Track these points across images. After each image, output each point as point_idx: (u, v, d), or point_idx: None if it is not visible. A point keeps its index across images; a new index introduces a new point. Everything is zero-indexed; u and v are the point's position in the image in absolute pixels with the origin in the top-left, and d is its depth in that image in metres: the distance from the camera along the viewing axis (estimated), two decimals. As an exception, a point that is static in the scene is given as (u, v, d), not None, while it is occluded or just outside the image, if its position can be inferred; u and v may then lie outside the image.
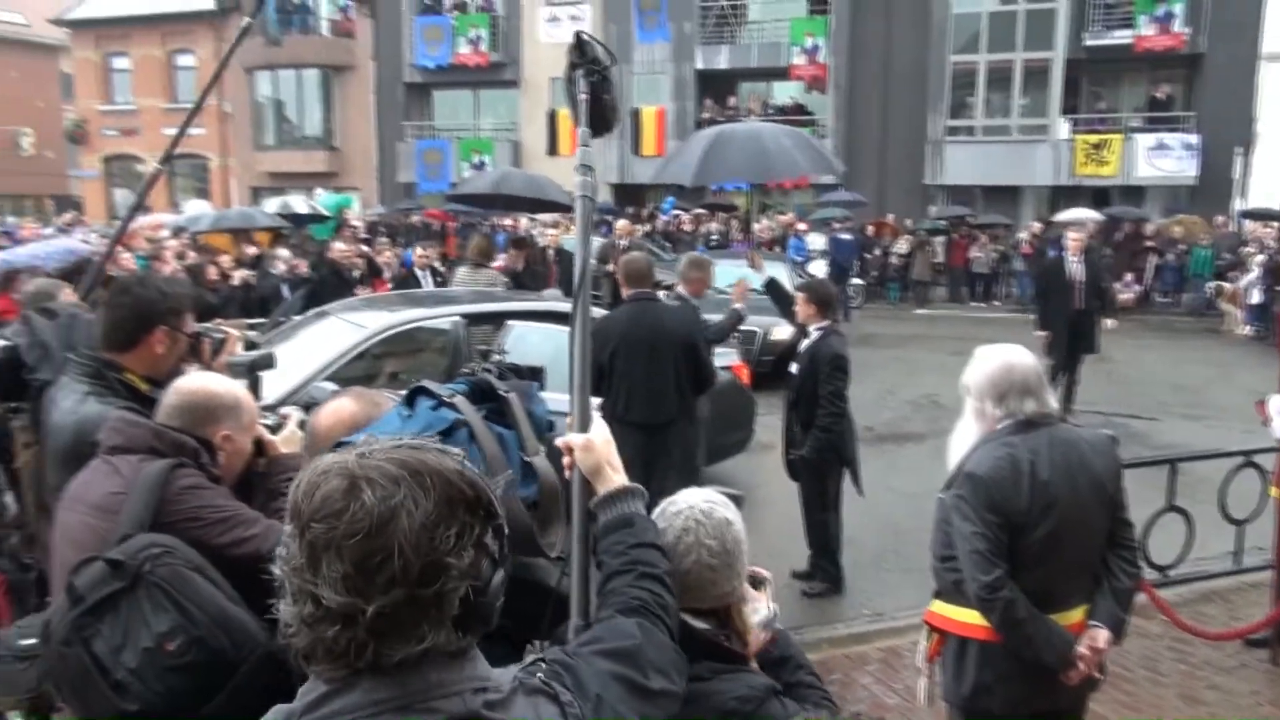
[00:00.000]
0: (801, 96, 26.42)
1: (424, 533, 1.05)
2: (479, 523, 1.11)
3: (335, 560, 1.04)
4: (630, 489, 1.59)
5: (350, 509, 1.05)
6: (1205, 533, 5.59)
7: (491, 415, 1.74)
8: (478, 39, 28.42)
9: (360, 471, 1.07)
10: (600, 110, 2.04)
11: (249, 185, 30.97)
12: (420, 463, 1.10)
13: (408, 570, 1.04)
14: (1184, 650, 4.72)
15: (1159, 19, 22.26)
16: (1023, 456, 2.67)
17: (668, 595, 1.47)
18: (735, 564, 1.79)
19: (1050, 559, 2.69)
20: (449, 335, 6.48)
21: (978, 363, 2.83)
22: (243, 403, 2.22)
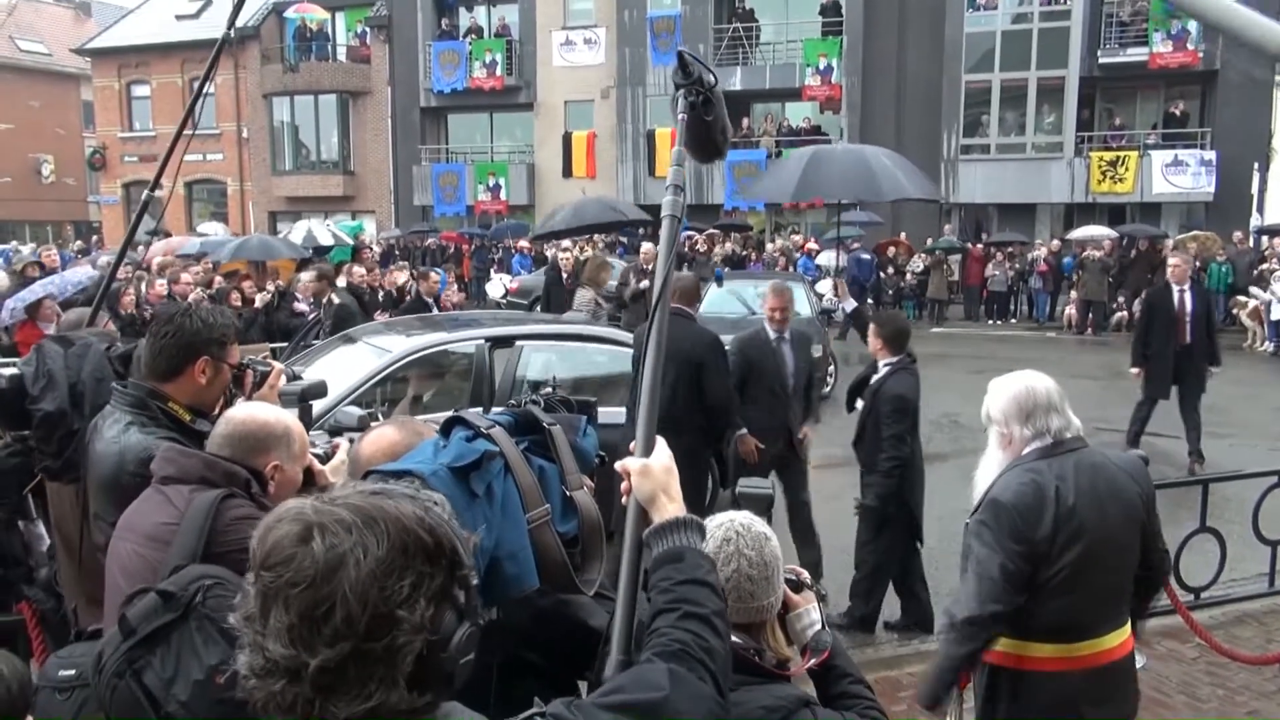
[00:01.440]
0: (816, 117, 26.51)
1: (373, 582, 1.00)
2: (440, 573, 1.05)
3: (281, 611, 1.01)
4: (685, 520, 1.49)
5: (298, 556, 1.01)
6: (1236, 553, 5.54)
7: (534, 448, 1.72)
8: (493, 63, 28.69)
9: (314, 517, 1.03)
10: (709, 134, 1.93)
11: (266, 210, 31.27)
12: (376, 508, 1.05)
13: (352, 622, 0.99)
14: (1221, 674, 4.65)
15: (1174, 36, 22.26)
16: (1048, 483, 2.63)
17: (713, 638, 1.35)
18: (773, 578, 1.84)
19: (1078, 587, 2.64)
20: (473, 359, 6.50)
21: (997, 390, 2.79)
22: (293, 432, 2.23)
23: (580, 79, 28.28)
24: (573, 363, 7.31)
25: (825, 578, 5.66)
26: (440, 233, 27.13)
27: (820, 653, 1.89)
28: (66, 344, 3.14)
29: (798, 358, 5.82)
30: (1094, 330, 18.73)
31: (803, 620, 1.93)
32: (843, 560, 6.29)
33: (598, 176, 28.19)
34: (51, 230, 36.26)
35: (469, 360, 6.53)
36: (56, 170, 38.14)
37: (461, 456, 1.57)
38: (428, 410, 6.22)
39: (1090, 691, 2.70)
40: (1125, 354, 16.49)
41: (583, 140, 28.24)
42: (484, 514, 1.54)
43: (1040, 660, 2.69)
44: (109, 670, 1.78)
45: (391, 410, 6.25)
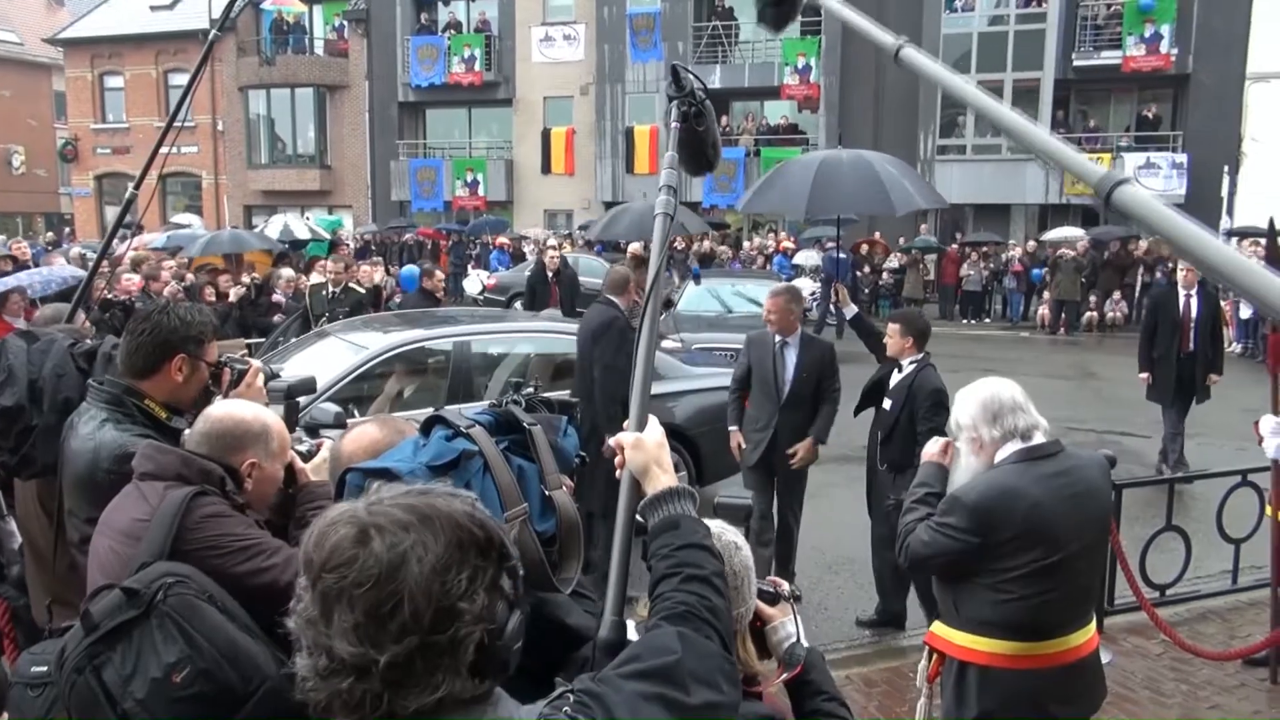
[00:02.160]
0: (794, 116, 26.62)
1: (434, 577, 1.04)
2: (492, 565, 1.10)
3: (346, 610, 1.03)
4: (679, 490, 1.55)
5: (360, 557, 1.04)
6: (1201, 551, 5.64)
7: (513, 447, 1.74)
8: (472, 58, 28.59)
9: (369, 519, 1.07)
10: (700, 147, 1.98)
11: (241, 203, 31.01)
12: (429, 507, 1.09)
13: (419, 617, 1.03)
14: (1185, 670, 4.74)
15: (1147, 40, 22.53)
16: (1018, 486, 2.66)
17: (716, 598, 1.42)
18: (741, 588, 1.79)
19: (1047, 587, 2.68)
20: (450, 356, 6.51)
21: (963, 398, 2.83)
22: (272, 429, 2.22)
23: (559, 75, 28.24)
24: (549, 357, 7.33)
25: (799, 574, 5.72)
26: (418, 228, 27.02)
27: (794, 667, 1.87)
28: (31, 339, 3.12)
29: (801, 364, 5.50)
30: (1066, 330, 18.94)
31: (779, 633, 1.91)
32: (815, 557, 6.36)
33: (576, 173, 28.18)
34: (22, 222, 35.76)
35: (447, 357, 6.53)
36: (27, 161, 37.61)
37: (440, 455, 1.59)
38: (407, 407, 6.22)
39: (1057, 689, 2.75)
40: (1097, 354, 16.76)
41: (561, 136, 28.21)
42: None
43: (1008, 657, 2.74)
44: (69, 666, 1.79)
45: (369, 407, 6.24)
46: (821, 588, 6.04)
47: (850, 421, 6.27)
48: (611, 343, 5.77)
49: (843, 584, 6.13)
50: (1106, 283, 19.66)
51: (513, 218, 28.73)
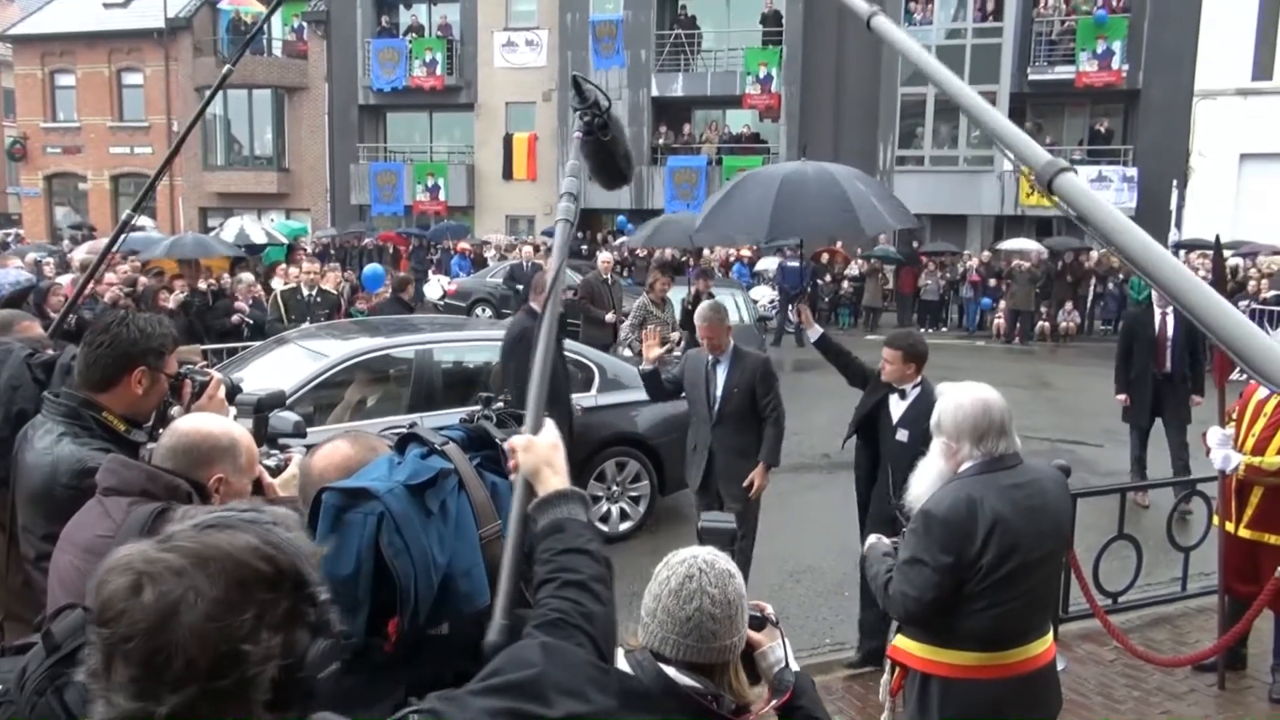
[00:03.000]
0: (756, 124, 26.81)
1: (209, 624, 0.99)
2: (285, 597, 1.05)
3: (121, 664, 1.00)
4: (567, 493, 1.56)
5: (129, 610, 1.00)
6: (1152, 559, 5.77)
7: (486, 463, 1.73)
8: (433, 62, 28.43)
9: (144, 567, 1.02)
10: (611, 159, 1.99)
11: (197, 205, 30.49)
12: (209, 547, 1.04)
13: (195, 666, 0.99)
14: (1137, 676, 4.85)
15: (1099, 56, 23.03)
16: (982, 499, 2.70)
17: (592, 603, 1.42)
18: (736, 617, 1.78)
19: (1007, 598, 2.72)
20: (412, 364, 6.46)
21: (952, 403, 2.81)
22: (240, 444, 2.19)
23: (522, 81, 28.18)
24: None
25: (761, 583, 5.75)
26: (378, 232, 26.78)
27: (782, 693, 1.86)
28: None
29: (730, 381, 5.26)
30: (1021, 339, 19.27)
31: (768, 658, 1.91)
32: (777, 564, 6.40)
33: (539, 179, 28.12)
34: (-33, 222, 34.87)
35: (409, 365, 6.49)
36: (-27, 160, 36.69)
37: (417, 474, 1.58)
38: (369, 415, 6.17)
39: (1018, 698, 2.79)
40: (1051, 363, 17.05)
41: (524, 142, 28.15)
42: (438, 531, 1.56)
43: (970, 668, 2.78)
44: (30, 687, 1.75)
45: (329, 415, 6.18)
46: (783, 595, 6.08)
47: (809, 427, 6.29)
48: (524, 355, 5.64)
49: (804, 592, 6.18)
50: (1060, 293, 20.04)
51: (474, 223, 28.59)
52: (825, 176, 5.89)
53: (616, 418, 6.99)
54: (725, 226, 6.35)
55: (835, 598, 6.05)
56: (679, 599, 1.73)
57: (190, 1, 30.66)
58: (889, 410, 4.79)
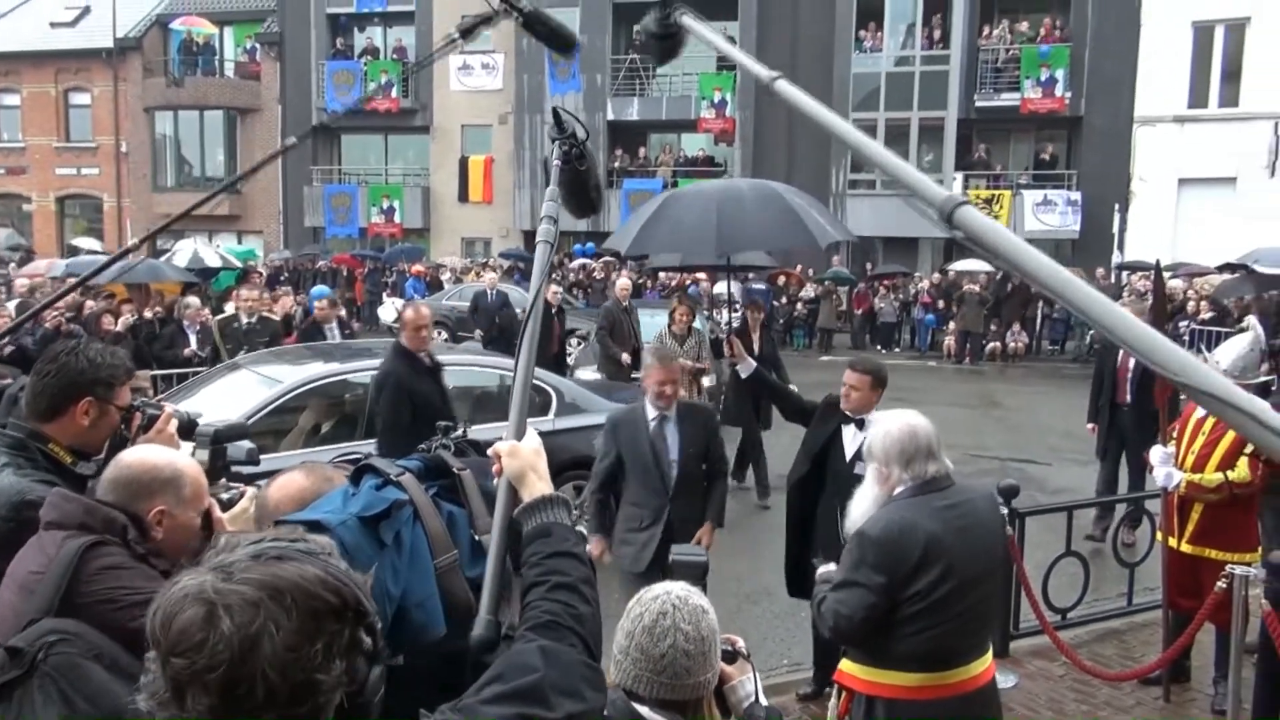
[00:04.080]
0: (710, 148, 27.10)
1: (289, 654, 1.02)
2: (348, 626, 1.09)
3: (200, 694, 1.01)
4: (552, 498, 1.60)
5: (209, 640, 1.01)
6: (1098, 574, 5.90)
7: (443, 492, 1.74)
8: (389, 84, 28.35)
9: (217, 598, 1.03)
10: (584, 189, 2.05)
11: (146, 227, 29.98)
12: (279, 579, 1.06)
13: (275, 695, 1.02)
14: (1086, 691, 4.95)
15: (1043, 83, 23.67)
16: (914, 519, 2.78)
17: (581, 605, 1.47)
18: (710, 653, 1.78)
19: (947, 618, 2.78)
20: (368, 389, 6.41)
21: (881, 430, 2.92)
22: (184, 475, 2.12)
23: (478, 104, 28.21)
24: (468, 390, 7.30)
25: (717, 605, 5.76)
26: (332, 255, 26.56)
27: None
28: None
29: (685, 440, 4.56)
30: (971, 360, 19.61)
31: (738, 693, 1.91)
32: (733, 587, 6.43)
33: (495, 201, 28.12)
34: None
35: (364, 390, 6.44)
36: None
37: (371, 506, 1.58)
38: (324, 441, 6.11)
39: (958, 714, 2.85)
40: (1000, 383, 17.33)
41: (480, 165, 28.16)
42: (392, 562, 1.56)
43: (912, 689, 2.84)
44: None
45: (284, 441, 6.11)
46: (740, 618, 6.10)
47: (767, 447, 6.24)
48: (389, 399, 5.38)
49: (760, 614, 6.22)
50: (1009, 314, 20.45)
51: (430, 245, 28.48)
52: (766, 191, 5.56)
53: (574, 441, 6.99)
54: (664, 245, 5.88)
55: (791, 620, 6.09)
56: (652, 636, 1.73)
57: (140, 21, 30.29)
58: (842, 442, 4.42)
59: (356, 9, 28.99)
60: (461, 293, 20.59)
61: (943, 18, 24.11)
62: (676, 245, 6.16)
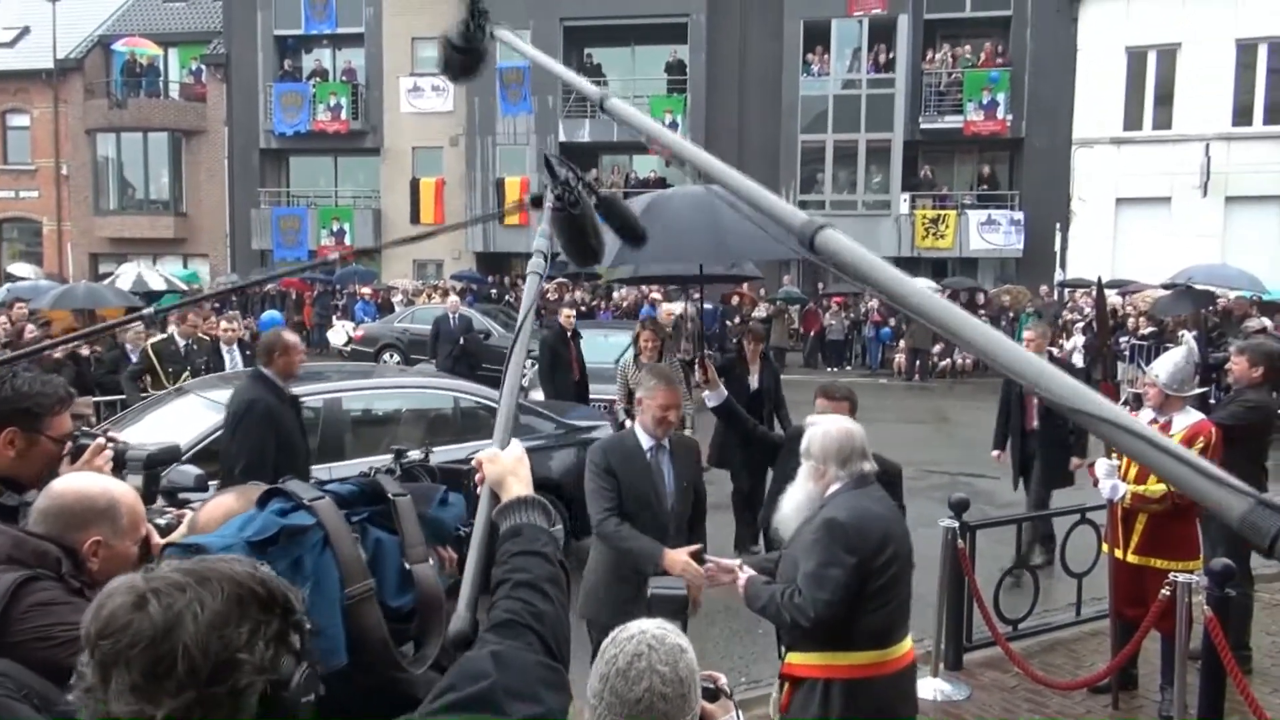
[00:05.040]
0: (662, 169, 27.29)
1: (211, 631, 1.05)
2: (275, 619, 1.11)
3: (124, 672, 1.04)
4: (527, 499, 1.63)
5: (135, 621, 1.04)
6: (1048, 586, 6.01)
7: (375, 518, 1.67)
8: (338, 106, 28.16)
9: (146, 586, 1.07)
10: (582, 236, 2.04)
11: (88, 251, 29.36)
12: (207, 569, 1.11)
13: (196, 671, 1.04)
14: (1038, 700, 5.03)
15: (985, 106, 24.27)
16: (869, 506, 3.05)
17: (542, 603, 1.47)
18: (689, 695, 1.70)
19: (893, 597, 3.05)
20: (319, 413, 6.34)
21: (820, 431, 3.16)
22: (120, 504, 2.05)
23: (429, 126, 28.12)
24: (422, 412, 7.24)
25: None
26: (281, 277, 26.20)
27: None
28: None
29: (679, 475, 4.01)
30: (921, 377, 19.93)
31: None
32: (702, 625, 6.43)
33: (446, 223, 27.99)
34: None
35: (316, 414, 6.37)
36: None
37: (262, 530, 1.51)
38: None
39: (900, 691, 3.11)
40: (949, 399, 17.61)
41: (431, 187, 28.04)
42: None
43: (866, 667, 3.03)
44: None
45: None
46: (698, 637, 6.09)
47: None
48: (251, 432, 4.84)
49: (719, 633, 6.22)
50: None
51: (380, 268, 28.24)
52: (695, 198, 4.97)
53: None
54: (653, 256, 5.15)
55: (749, 637, 6.11)
56: (627, 680, 1.66)
57: (82, 42, 29.75)
58: None
59: (305, 30, 28.77)
60: (414, 315, 20.45)
61: (887, 43, 24.63)
62: (669, 254, 5.36)
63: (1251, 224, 22.15)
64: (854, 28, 25.07)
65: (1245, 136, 22.32)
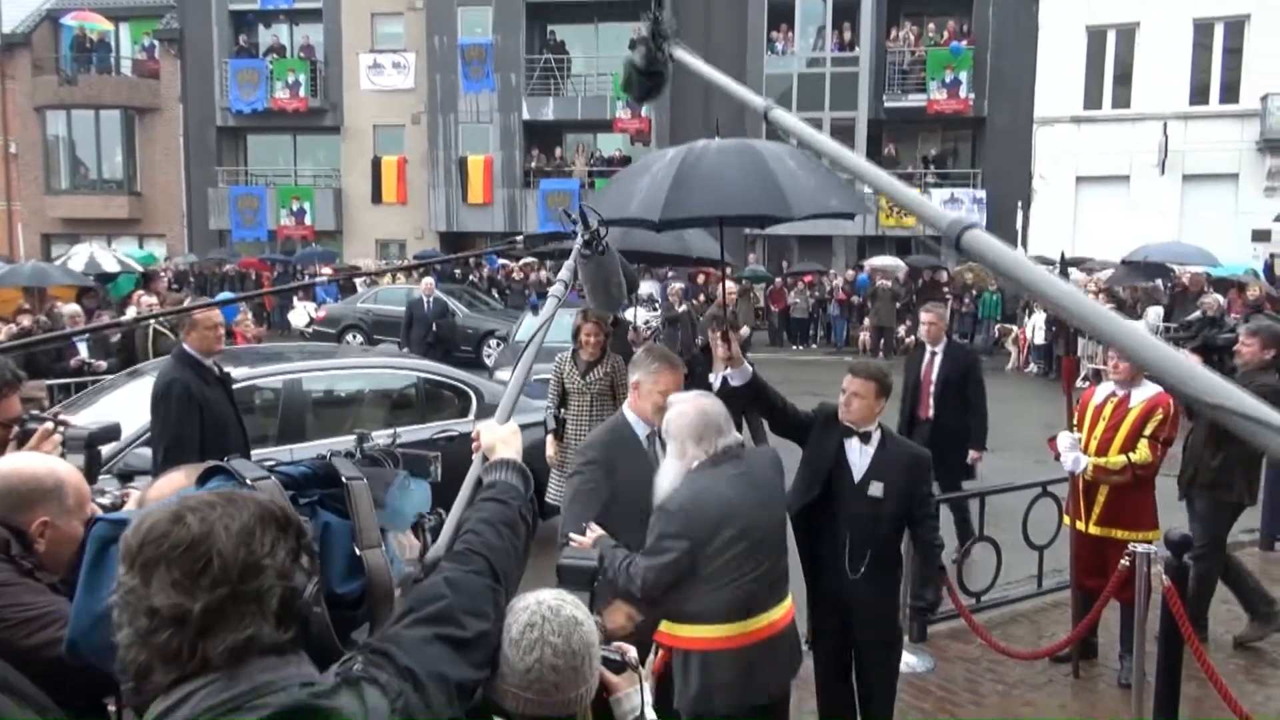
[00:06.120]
0: (627, 148, 27.15)
1: (240, 540, 1.22)
2: (290, 538, 1.28)
3: (164, 571, 1.18)
4: (508, 462, 1.87)
5: (174, 531, 1.20)
6: (1010, 559, 6.09)
7: (326, 501, 1.61)
8: (296, 84, 27.66)
9: (180, 506, 1.24)
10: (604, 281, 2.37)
11: (39, 231, 28.65)
12: (234, 494, 1.31)
13: (228, 570, 1.19)
14: (1000, 670, 5.10)
15: (948, 85, 24.39)
16: (710, 486, 3.06)
17: (495, 538, 1.67)
18: (581, 668, 1.68)
19: (745, 574, 3.08)
20: (279, 394, 6.25)
21: (676, 411, 3.17)
22: (67, 485, 2.04)
23: (389, 103, 27.73)
24: (384, 393, 7.17)
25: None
26: (239, 258, 25.78)
27: None
28: None
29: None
30: (885, 354, 20.07)
31: (622, 706, 1.82)
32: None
33: (409, 202, 27.69)
34: None
35: (276, 395, 6.27)
36: None
37: None
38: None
39: (763, 659, 3.16)
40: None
41: (393, 165, 27.69)
42: None
43: (723, 639, 3.10)
44: None
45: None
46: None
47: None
48: (170, 413, 4.60)
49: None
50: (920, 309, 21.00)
51: (342, 248, 27.89)
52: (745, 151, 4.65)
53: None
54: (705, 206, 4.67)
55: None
56: (519, 649, 1.64)
57: (29, 17, 28.93)
58: (847, 459, 3.83)
59: (261, 5, 28.19)
60: (377, 295, 20.23)
61: (851, 20, 24.63)
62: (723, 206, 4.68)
63: (1207, 202, 22.51)
64: (818, 5, 25.06)
65: (1202, 115, 22.64)
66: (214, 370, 4.86)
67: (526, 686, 1.63)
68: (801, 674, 5.02)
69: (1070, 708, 4.77)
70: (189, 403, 4.58)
